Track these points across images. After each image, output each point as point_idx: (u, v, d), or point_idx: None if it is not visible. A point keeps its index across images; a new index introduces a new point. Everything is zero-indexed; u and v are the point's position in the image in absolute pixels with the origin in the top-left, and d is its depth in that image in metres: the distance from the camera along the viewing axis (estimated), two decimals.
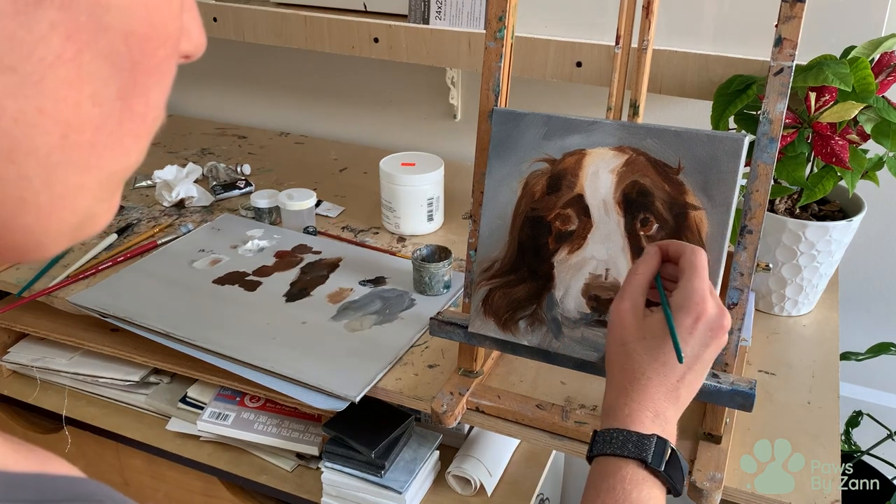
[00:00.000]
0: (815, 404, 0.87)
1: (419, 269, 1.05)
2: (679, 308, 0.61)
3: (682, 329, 0.61)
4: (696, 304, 0.61)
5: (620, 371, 0.63)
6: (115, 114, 0.28)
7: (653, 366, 0.61)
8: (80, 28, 0.25)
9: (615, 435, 0.60)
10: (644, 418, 0.60)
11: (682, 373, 0.61)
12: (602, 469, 0.60)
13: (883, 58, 0.93)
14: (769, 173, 0.69)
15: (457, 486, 1.00)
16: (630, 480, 0.58)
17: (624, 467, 0.59)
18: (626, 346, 0.63)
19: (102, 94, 0.27)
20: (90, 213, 0.30)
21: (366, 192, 1.39)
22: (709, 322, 0.61)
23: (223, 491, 1.11)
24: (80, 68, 0.26)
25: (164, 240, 1.22)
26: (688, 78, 1.08)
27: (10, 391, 1.22)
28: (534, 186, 0.76)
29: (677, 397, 0.61)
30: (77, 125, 0.26)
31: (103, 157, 0.28)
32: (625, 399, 0.61)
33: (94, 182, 0.29)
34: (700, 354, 0.61)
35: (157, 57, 0.28)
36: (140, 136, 0.30)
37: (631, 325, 0.63)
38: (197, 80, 1.79)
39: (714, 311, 0.61)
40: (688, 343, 0.61)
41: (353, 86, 1.62)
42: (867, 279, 1.32)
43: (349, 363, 0.94)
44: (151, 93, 0.29)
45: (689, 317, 0.61)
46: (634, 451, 0.59)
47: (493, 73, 0.79)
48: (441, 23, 1.26)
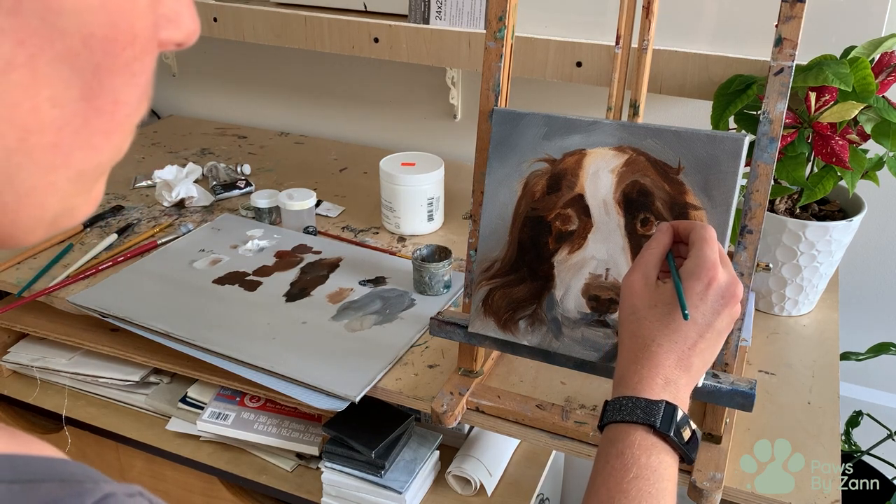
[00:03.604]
0: (815, 404, 0.87)
1: (419, 269, 1.05)
2: (690, 275, 0.61)
3: (692, 295, 0.60)
4: (707, 271, 0.61)
5: (631, 338, 0.62)
6: (80, 114, 0.28)
7: (663, 332, 0.61)
8: (32, 33, 0.25)
9: (624, 402, 0.59)
10: (654, 385, 0.59)
11: (694, 340, 0.60)
12: (612, 436, 0.59)
13: (883, 58, 0.93)
14: (769, 173, 0.69)
15: (457, 486, 1.00)
16: (639, 445, 0.57)
17: (633, 433, 0.58)
18: (636, 313, 0.63)
19: (63, 96, 0.27)
20: (65, 208, 0.30)
21: (366, 192, 1.39)
22: (720, 288, 0.61)
23: (223, 491, 1.11)
24: (36, 72, 0.26)
25: (164, 240, 1.22)
26: (688, 78, 1.08)
27: (10, 391, 1.22)
28: (534, 186, 0.76)
29: (689, 366, 0.61)
30: (36, 128, 0.27)
31: (71, 157, 0.28)
32: (635, 367, 0.61)
33: (64, 180, 0.29)
34: (712, 322, 0.61)
35: (123, 57, 0.28)
36: (111, 134, 0.30)
37: (642, 293, 0.63)
38: (197, 80, 1.79)
39: (725, 278, 0.61)
40: (698, 308, 0.60)
41: (353, 86, 1.62)
42: (867, 279, 1.32)
43: (349, 363, 0.93)
44: (121, 91, 0.29)
45: (699, 282, 0.61)
46: (643, 417, 0.58)
47: (493, 73, 0.79)
48: (441, 23, 1.26)
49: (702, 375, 0.63)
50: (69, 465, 0.30)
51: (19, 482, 0.28)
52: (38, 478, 0.28)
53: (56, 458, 0.30)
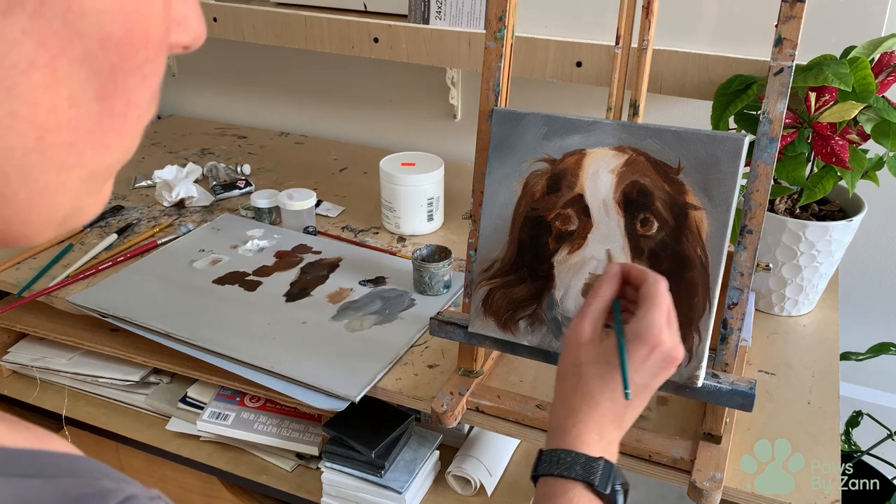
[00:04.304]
0: (815, 404, 0.87)
1: (419, 269, 1.05)
2: (635, 337, 0.62)
3: (635, 358, 0.61)
4: (652, 337, 0.61)
5: (572, 391, 0.63)
6: (94, 114, 0.28)
7: (603, 391, 0.62)
8: (53, 34, 0.26)
9: (563, 456, 0.60)
10: (591, 440, 0.61)
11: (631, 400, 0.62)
12: (549, 490, 0.60)
13: (883, 58, 0.93)
14: (769, 173, 0.69)
15: (457, 486, 1.00)
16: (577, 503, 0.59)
17: (571, 489, 0.59)
18: (579, 367, 0.63)
19: (80, 96, 0.27)
20: (75, 208, 0.31)
21: (366, 192, 1.39)
22: (662, 354, 0.61)
23: (223, 491, 1.11)
24: (56, 73, 0.26)
25: (164, 240, 1.22)
26: (688, 78, 1.08)
27: (10, 391, 1.22)
28: (534, 186, 0.76)
29: (622, 422, 0.63)
30: (54, 127, 0.27)
31: (84, 156, 0.29)
32: (573, 420, 0.62)
33: (76, 179, 0.29)
34: (649, 384, 0.62)
35: (136, 59, 0.29)
36: (122, 134, 0.30)
37: (587, 346, 0.63)
38: (197, 80, 1.79)
39: (669, 344, 0.62)
40: (639, 372, 0.61)
41: (353, 86, 1.62)
42: (867, 279, 1.32)
43: (349, 363, 0.93)
44: (133, 92, 0.29)
45: (644, 347, 0.61)
46: (582, 474, 0.59)
47: (493, 73, 0.79)
48: (441, 23, 1.26)
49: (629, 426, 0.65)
50: (87, 462, 0.30)
51: (40, 477, 0.28)
52: (56, 473, 0.29)
53: (75, 454, 0.30)
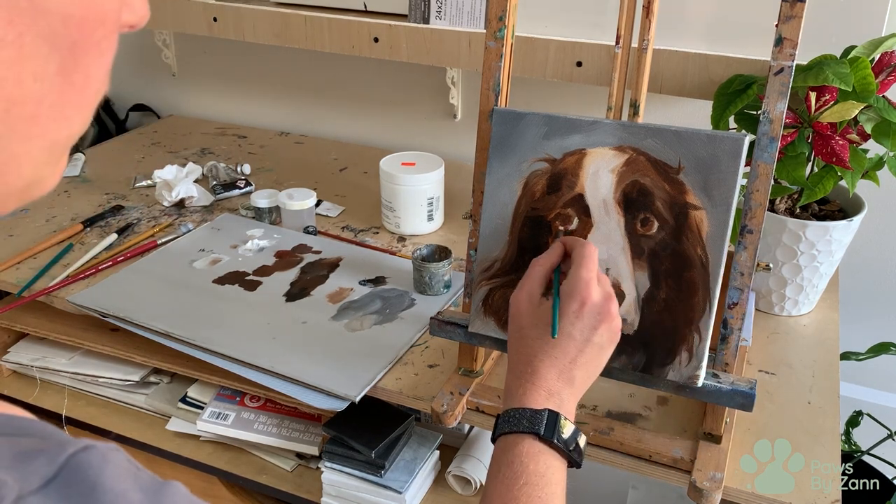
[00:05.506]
0: (815, 404, 0.87)
1: (419, 269, 1.05)
2: (567, 295, 0.67)
3: (569, 313, 0.66)
4: (580, 291, 0.66)
5: (516, 355, 0.68)
6: (56, 88, 0.30)
7: (544, 349, 0.66)
8: (21, 13, 0.28)
9: (512, 414, 0.64)
10: (538, 397, 0.64)
11: (574, 355, 0.65)
12: (503, 446, 0.63)
13: (883, 58, 0.93)
14: (769, 173, 0.69)
15: (457, 486, 1.00)
16: (527, 453, 0.62)
17: (521, 442, 0.62)
18: (520, 331, 0.68)
19: (43, 71, 0.30)
20: (36, 178, 0.33)
21: (366, 191, 1.39)
22: (595, 306, 0.66)
23: (223, 491, 1.11)
24: (22, 49, 0.28)
25: (164, 240, 1.22)
26: (688, 78, 1.08)
27: (10, 391, 1.21)
28: (534, 186, 0.76)
29: (571, 378, 0.66)
30: (20, 100, 0.29)
31: (47, 128, 0.31)
32: (520, 381, 0.66)
33: (38, 150, 0.32)
34: (589, 338, 0.66)
35: (95, 36, 0.31)
36: (82, 107, 0.33)
37: (526, 312, 0.68)
38: (197, 80, 1.79)
39: (599, 297, 0.67)
40: (574, 326, 0.66)
41: (352, 86, 1.62)
42: (867, 279, 1.32)
43: (349, 363, 0.93)
44: (91, 68, 0.32)
45: (575, 301, 0.66)
46: (528, 426, 0.62)
47: (493, 72, 0.79)
48: (441, 23, 1.26)
49: (587, 386, 0.67)
50: (46, 425, 0.33)
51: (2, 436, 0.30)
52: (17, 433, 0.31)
53: (31, 418, 0.33)
